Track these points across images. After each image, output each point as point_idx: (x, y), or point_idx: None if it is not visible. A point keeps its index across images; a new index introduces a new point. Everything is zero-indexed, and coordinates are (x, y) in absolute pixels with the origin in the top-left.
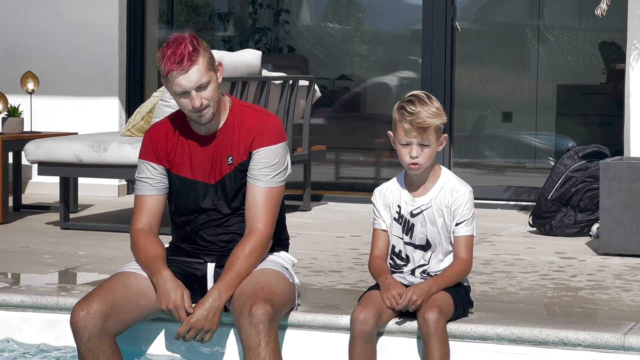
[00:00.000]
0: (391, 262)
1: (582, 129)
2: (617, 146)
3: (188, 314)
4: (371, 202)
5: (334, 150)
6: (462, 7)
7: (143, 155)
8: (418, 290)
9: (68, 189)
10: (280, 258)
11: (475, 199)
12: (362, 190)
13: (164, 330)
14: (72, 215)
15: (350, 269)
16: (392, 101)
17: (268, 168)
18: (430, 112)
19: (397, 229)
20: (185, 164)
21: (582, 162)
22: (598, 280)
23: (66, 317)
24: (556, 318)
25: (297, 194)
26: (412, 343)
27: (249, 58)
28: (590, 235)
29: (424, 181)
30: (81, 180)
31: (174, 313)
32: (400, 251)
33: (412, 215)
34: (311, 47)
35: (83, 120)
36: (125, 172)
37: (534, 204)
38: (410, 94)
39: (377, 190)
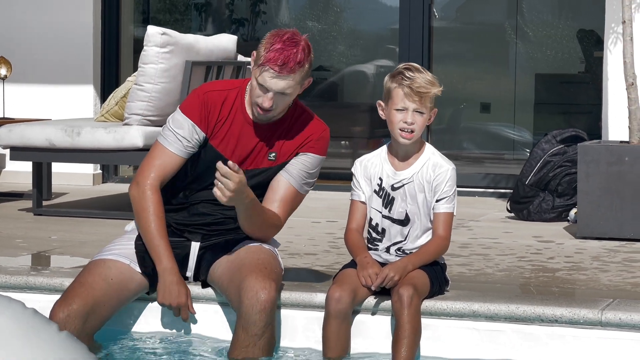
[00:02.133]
0: (367, 235)
1: (560, 118)
2: (595, 135)
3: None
4: (349, 185)
5: None
6: (442, 7)
7: (190, 112)
8: (394, 267)
9: (41, 175)
10: (271, 241)
11: None
12: (339, 178)
13: (148, 307)
14: (45, 203)
15: (326, 252)
16: (370, 89)
17: (306, 173)
18: (427, 79)
19: (376, 202)
20: (228, 142)
21: (560, 147)
22: (576, 262)
23: (36, 297)
24: (533, 295)
25: None
26: (387, 321)
27: (224, 42)
28: (568, 220)
29: (408, 155)
30: (55, 169)
31: (175, 311)
32: (377, 224)
33: (393, 188)
34: None
35: (57, 107)
36: (98, 156)
37: (512, 191)
38: (404, 64)
39: (358, 161)
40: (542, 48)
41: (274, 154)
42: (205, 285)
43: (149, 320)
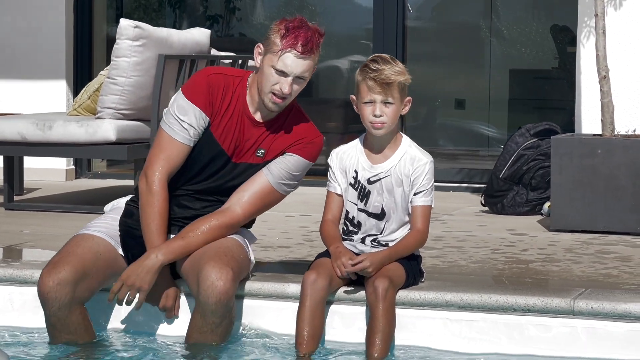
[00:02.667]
0: (343, 227)
1: (535, 114)
2: (570, 130)
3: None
4: (323, 180)
5: None
6: (417, 7)
7: (193, 96)
8: (373, 259)
9: (12, 169)
10: (245, 230)
11: None
12: (313, 174)
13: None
14: (17, 198)
15: (299, 244)
16: (344, 85)
17: (288, 173)
18: (394, 70)
19: (352, 194)
20: (227, 133)
21: (533, 140)
22: (549, 254)
23: (6, 289)
24: (506, 285)
25: None
26: (361, 311)
27: (197, 36)
28: (541, 214)
29: (384, 147)
30: (28, 164)
31: (160, 308)
32: (353, 217)
33: (370, 182)
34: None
35: (29, 102)
36: (71, 150)
37: (485, 185)
38: (373, 55)
39: (334, 152)
40: (516, 45)
41: (262, 151)
42: (176, 276)
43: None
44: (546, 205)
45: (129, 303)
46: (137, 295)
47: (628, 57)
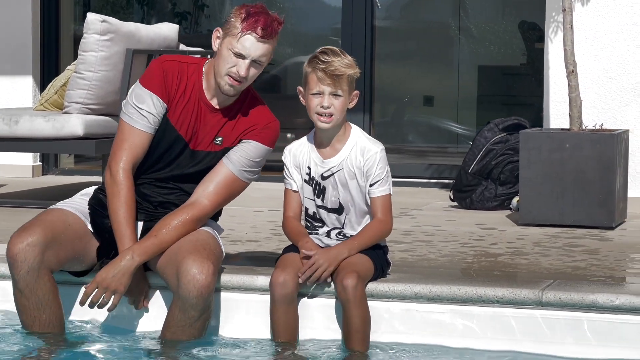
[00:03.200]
0: (307, 224)
1: (503, 110)
2: (538, 125)
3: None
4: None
5: None
6: (386, 6)
7: (149, 83)
8: (326, 256)
9: None
10: (212, 224)
11: (396, 177)
12: (281, 169)
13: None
14: None
15: (268, 238)
16: None
17: (247, 160)
18: (344, 62)
19: (308, 191)
20: (184, 119)
21: (502, 135)
22: (517, 247)
23: None
24: (476, 277)
25: None
26: (331, 304)
27: (165, 31)
28: (510, 209)
29: (333, 141)
30: None
31: (129, 301)
32: (314, 213)
33: (323, 178)
34: None
35: None
36: (37, 145)
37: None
38: (322, 47)
39: (287, 149)
40: (484, 43)
41: (220, 139)
42: (146, 268)
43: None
44: (515, 199)
45: (101, 306)
46: (112, 297)
47: (595, 52)
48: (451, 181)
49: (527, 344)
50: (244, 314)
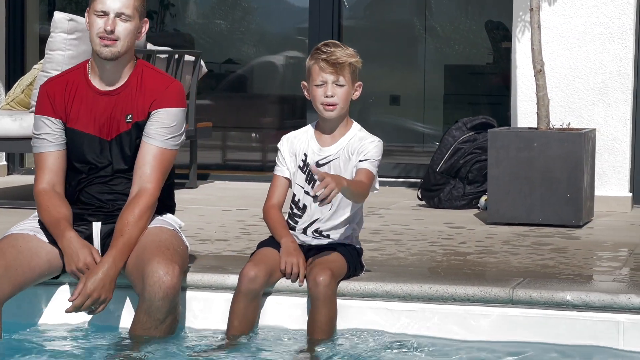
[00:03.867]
0: (289, 210)
1: (470, 109)
2: (505, 124)
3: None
4: (258, 176)
5: (221, 130)
6: (352, 5)
7: (39, 110)
8: (332, 177)
9: None
10: (169, 219)
11: None
12: (249, 169)
13: (55, 295)
14: None
15: (237, 238)
16: (279, 80)
17: (165, 129)
18: (346, 52)
19: (300, 177)
20: (82, 118)
21: (470, 134)
22: (486, 246)
23: None
24: (446, 276)
25: (184, 173)
26: (300, 302)
27: None
28: (478, 207)
29: (335, 131)
30: None
31: (85, 272)
32: (299, 200)
33: (318, 165)
34: (197, 35)
35: None
36: (4, 145)
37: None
38: (324, 41)
39: (285, 137)
40: (450, 42)
41: (129, 116)
42: None
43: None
44: (483, 198)
45: (91, 313)
46: (101, 305)
47: (562, 51)
48: (418, 180)
49: (497, 341)
50: (215, 313)
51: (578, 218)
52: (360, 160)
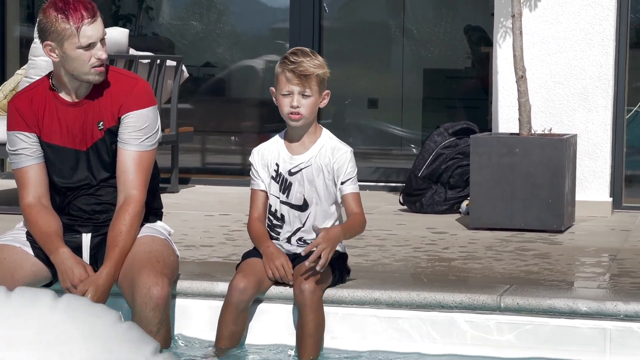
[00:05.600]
0: (268, 222)
1: (448, 113)
2: (482, 129)
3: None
4: (238, 179)
5: (201, 134)
6: (329, 6)
7: (12, 126)
8: (326, 238)
9: None
10: (160, 227)
11: None
12: (229, 173)
13: None
14: None
15: (222, 243)
16: (259, 84)
17: (138, 132)
18: (313, 62)
19: (274, 187)
20: (54, 131)
21: (451, 139)
22: (470, 252)
23: None
24: (433, 283)
25: (165, 177)
26: (288, 310)
27: (115, 36)
28: (460, 212)
29: (304, 137)
30: None
31: (79, 289)
32: (276, 210)
33: (290, 173)
34: (174, 38)
35: None
36: None
37: (404, 184)
38: (294, 48)
39: (255, 150)
40: (427, 45)
41: (101, 123)
42: None
43: None
44: (464, 203)
45: None
46: None
47: (543, 57)
48: (398, 184)
49: (485, 348)
50: (205, 321)
51: (560, 223)
52: (342, 183)
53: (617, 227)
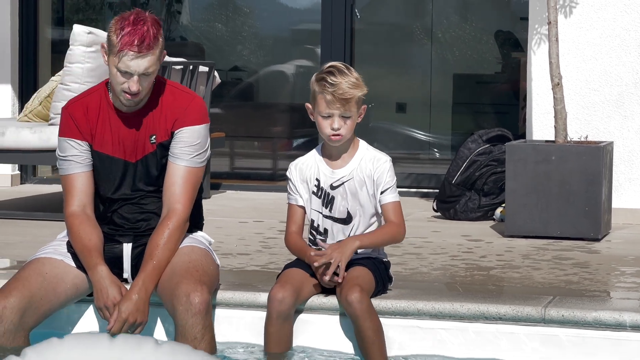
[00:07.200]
0: (310, 237)
1: (476, 118)
2: (514, 135)
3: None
4: (270, 185)
5: (230, 139)
6: (361, 9)
7: (64, 132)
8: (337, 250)
9: None
10: (200, 237)
11: None
12: (259, 178)
13: (88, 310)
14: None
15: (258, 251)
16: (289, 89)
17: (190, 147)
18: (351, 82)
19: (316, 202)
20: (106, 141)
21: (486, 146)
22: (507, 260)
23: None
24: (475, 293)
25: None
26: (333, 320)
27: None
28: (494, 219)
29: (342, 154)
30: None
31: (111, 310)
32: (318, 225)
33: (332, 187)
34: (200, 41)
35: None
36: (23, 157)
37: (436, 190)
38: (328, 64)
39: (292, 165)
40: (453, 49)
41: (154, 137)
42: None
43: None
44: (498, 210)
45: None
46: (138, 328)
47: (578, 64)
48: (430, 190)
49: None
50: (249, 330)
51: (596, 231)
52: (382, 192)
53: None
